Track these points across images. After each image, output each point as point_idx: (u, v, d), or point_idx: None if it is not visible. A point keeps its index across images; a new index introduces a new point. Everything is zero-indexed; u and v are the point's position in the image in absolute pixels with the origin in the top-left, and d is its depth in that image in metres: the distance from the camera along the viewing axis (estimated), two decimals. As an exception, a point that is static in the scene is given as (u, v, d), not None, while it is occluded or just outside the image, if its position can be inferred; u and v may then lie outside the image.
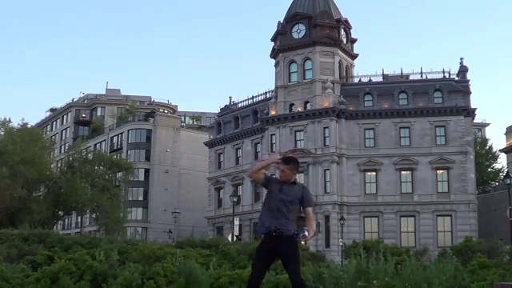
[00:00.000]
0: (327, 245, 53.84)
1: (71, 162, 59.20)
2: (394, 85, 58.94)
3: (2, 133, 55.15)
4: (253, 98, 67.95)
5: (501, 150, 75.29)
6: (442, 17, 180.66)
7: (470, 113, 57.86)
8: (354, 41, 64.33)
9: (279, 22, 62.40)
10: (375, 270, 12.22)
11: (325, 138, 57.18)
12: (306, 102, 59.23)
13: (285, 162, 7.16)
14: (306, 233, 6.83)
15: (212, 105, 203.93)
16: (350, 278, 12.17)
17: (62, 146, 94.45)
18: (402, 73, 61.24)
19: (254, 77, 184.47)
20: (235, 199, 49.92)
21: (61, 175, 57.04)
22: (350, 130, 57.85)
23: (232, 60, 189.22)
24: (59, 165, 70.39)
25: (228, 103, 72.83)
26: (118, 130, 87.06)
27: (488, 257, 18.02)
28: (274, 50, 62.88)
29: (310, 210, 7.14)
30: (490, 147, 78.48)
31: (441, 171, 56.61)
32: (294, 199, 7.02)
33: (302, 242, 7.03)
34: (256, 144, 64.50)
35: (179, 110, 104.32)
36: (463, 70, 59.72)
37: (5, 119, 55.36)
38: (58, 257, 14.40)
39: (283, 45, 60.97)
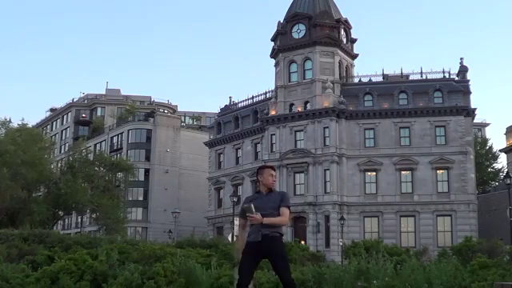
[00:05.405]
0: (327, 245, 53.85)
1: (71, 163, 59.18)
2: (393, 85, 58.90)
3: (2, 133, 55.08)
4: (253, 97, 67.94)
5: (501, 150, 75.29)
6: (442, 17, 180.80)
7: (470, 113, 57.84)
8: (354, 41, 64.30)
9: (279, 21, 62.38)
10: (375, 270, 12.21)
11: (325, 138, 57.15)
12: (306, 102, 59.21)
13: (260, 169, 7.37)
14: (256, 215, 6.79)
15: (212, 105, 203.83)
16: (350, 278, 12.16)
17: (62, 146, 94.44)
18: (402, 73, 61.19)
19: (253, 77, 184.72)
20: (235, 199, 49.74)
21: (61, 176, 57.00)
22: (350, 129, 57.82)
23: (232, 60, 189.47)
24: (59, 165, 70.32)
25: (228, 103, 72.79)
26: (118, 130, 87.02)
27: (488, 257, 18.02)
28: (273, 49, 62.84)
29: (285, 210, 6.98)
30: (490, 147, 78.50)
31: (441, 171, 56.58)
32: (274, 207, 6.97)
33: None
34: (256, 144, 64.48)
35: (179, 110, 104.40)
36: (463, 69, 59.69)
37: (5, 119, 55.34)
38: (58, 257, 14.43)
39: (283, 45, 60.94)
